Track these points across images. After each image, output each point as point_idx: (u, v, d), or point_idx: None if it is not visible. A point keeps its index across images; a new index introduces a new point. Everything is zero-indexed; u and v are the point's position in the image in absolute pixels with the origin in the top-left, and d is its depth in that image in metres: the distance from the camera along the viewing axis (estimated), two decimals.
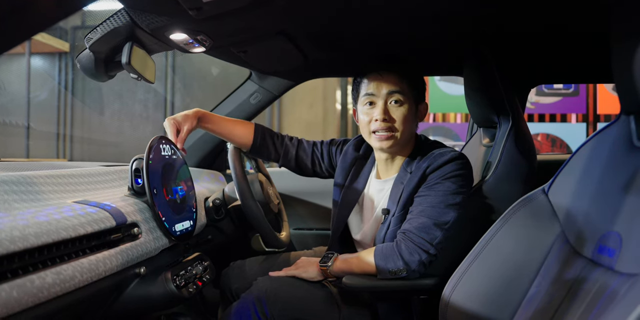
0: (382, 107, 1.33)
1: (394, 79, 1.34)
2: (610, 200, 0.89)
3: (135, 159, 1.22)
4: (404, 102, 1.34)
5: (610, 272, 0.83)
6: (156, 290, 1.14)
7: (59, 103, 5.01)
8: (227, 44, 1.44)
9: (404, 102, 1.34)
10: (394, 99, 1.33)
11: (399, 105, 1.34)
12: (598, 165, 0.95)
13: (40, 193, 1.01)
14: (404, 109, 1.33)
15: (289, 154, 1.60)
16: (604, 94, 4.51)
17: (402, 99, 1.33)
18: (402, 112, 1.33)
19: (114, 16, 1.18)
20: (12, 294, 0.72)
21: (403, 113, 1.33)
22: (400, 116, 1.33)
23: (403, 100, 1.33)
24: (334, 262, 1.35)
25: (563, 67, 1.85)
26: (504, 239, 1.06)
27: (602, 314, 0.76)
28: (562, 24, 1.36)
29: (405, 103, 1.34)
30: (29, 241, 0.78)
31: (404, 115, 1.33)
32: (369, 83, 1.36)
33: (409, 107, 1.34)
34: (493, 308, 1.02)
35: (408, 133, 1.36)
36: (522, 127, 1.55)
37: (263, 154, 1.60)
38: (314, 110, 4.65)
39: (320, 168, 1.62)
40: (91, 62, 1.27)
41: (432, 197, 1.28)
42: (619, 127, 0.94)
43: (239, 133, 1.56)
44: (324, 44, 1.55)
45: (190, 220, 1.37)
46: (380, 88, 1.34)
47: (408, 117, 1.34)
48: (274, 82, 1.97)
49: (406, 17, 1.31)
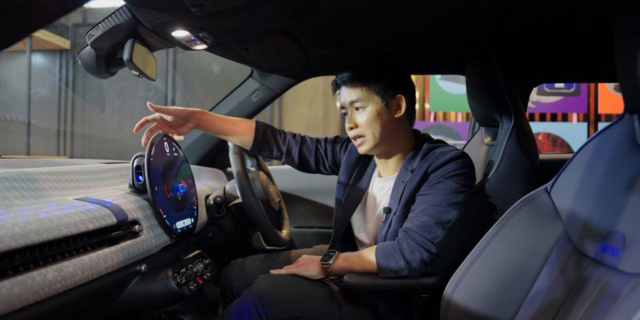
0: (350, 116, 1.40)
1: (349, 87, 1.39)
2: (613, 199, 0.88)
3: (137, 156, 1.21)
4: (365, 106, 1.37)
5: (614, 271, 0.82)
6: (157, 287, 1.14)
7: (60, 100, 5.00)
8: (229, 42, 1.43)
9: (365, 107, 1.37)
10: (356, 106, 1.39)
11: (360, 111, 1.38)
12: (601, 164, 0.94)
13: (41, 190, 1.01)
14: (366, 113, 1.37)
15: (292, 152, 1.59)
16: (605, 94, 4.50)
17: (362, 104, 1.37)
18: (364, 116, 1.37)
19: (116, 13, 1.17)
20: (13, 290, 0.71)
21: (365, 117, 1.37)
22: (362, 121, 1.37)
23: (363, 105, 1.37)
24: (335, 260, 1.34)
25: (566, 65, 1.85)
26: (506, 238, 1.05)
27: (606, 313, 0.76)
28: (565, 22, 1.36)
29: (366, 106, 1.37)
30: (30, 238, 0.77)
31: (366, 119, 1.37)
32: (338, 98, 1.45)
33: (371, 109, 1.37)
34: (494, 307, 1.02)
35: (379, 133, 1.37)
36: (524, 125, 1.54)
37: (265, 152, 1.60)
38: (314, 108, 4.64)
39: (324, 165, 1.62)
40: (92, 59, 1.26)
41: (434, 196, 1.28)
42: (622, 126, 0.93)
43: (239, 131, 1.55)
44: (325, 42, 1.54)
45: (191, 217, 1.37)
46: (345, 100, 1.41)
47: (371, 119, 1.36)
48: (276, 80, 1.97)
49: (408, 16, 1.30)
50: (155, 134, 1.32)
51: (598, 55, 1.65)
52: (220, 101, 2.04)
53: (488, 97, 1.59)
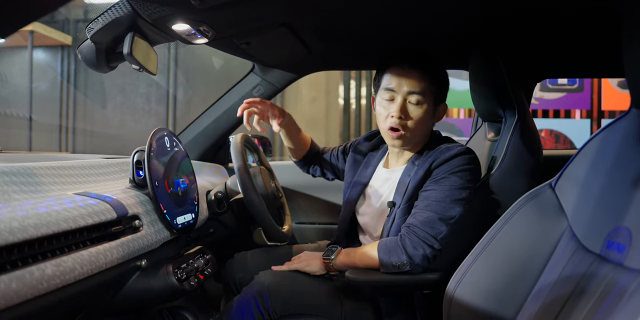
0: (401, 104, 1.32)
1: (416, 77, 1.31)
2: (619, 194, 0.87)
3: (137, 151, 1.20)
4: (423, 102, 1.32)
5: (620, 268, 0.81)
6: (157, 283, 1.13)
7: (62, 96, 5.00)
8: (230, 35, 1.42)
9: (422, 103, 1.32)
10: (414, 98, 1.31)
11: (417, 105, 1.32)
12: (606, 159, 0.93)
13: (40, 184, 1.00)
14: (422, 110, 1.32)
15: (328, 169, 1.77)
16: (608, 90, 4.48)
17: (422, 99, 1.31)
18: (420, 112, 1.32)
19: (116, 6, 1.16)
20: (11, 285, 0.71)
21: (420, 114, 1.32)
22: (416, 116, 1.32)
23: (422, 100, 1.31)
24: (337, 256, 1.34)
25: (570, 60, 1.83)
26: (509, 233, 1.04)
27: (612, 310, 0.74)
28: (570, 17, 1.34)
29: (424, 104, 1.32)
30: (28, 232, 0.77)
31: (421, 116, 1.32)
32: (391, 77, 1.34)
33: (427, 108, 1.33)
34: (498, 304, 1.01)
35: (421, 133, 1.36)
36: (528, 121, 1.53)
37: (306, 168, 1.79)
38: (316, 105, 4.63)
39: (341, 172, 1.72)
40: (92, 53, 1.25)
41: (438, 192, 1.27)
42: (628, 121, 0.92)
43: (306, 144, 1.72)
44: (327, 36, 1.53)
45: (192, 213, 1.36)
46: (402, 85, 1.32)
47: (424, 118, 1.33)
48: (277, 74, 1.96)
49: (410, 10, 1.29)
50: (156, 129, 1.31)
51: (603, 50, 1.63)
52: (222, 96, 2.03)
53: (491, 92, 1.57)
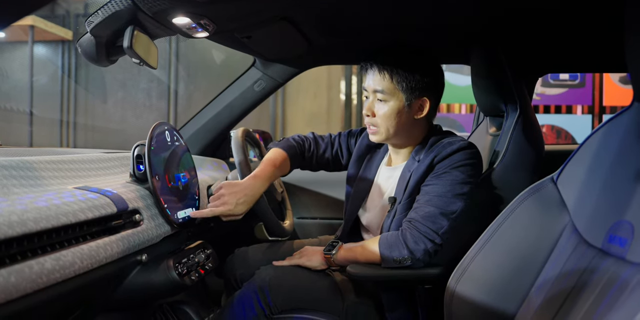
0: (370, 103, 1.34)
1: (381, 75, 1.31)
2: (621, 188, 0.87)
3: (137, 145, 1.20)
4: (389, 100, 1.31)
5: (621, 262, 0.81)
6: (158, 277, 1.13)
7: (63, 91, 5.00)
8: (231, 29, 1.41)
9: (388, 100, 1.31)
10: (380, 96, 1.32)
11: (382, 102, 1.32)
12: (609, 154, 0.93)
13: (40, 178, 1.00)
14: (387, 107, 1.31)
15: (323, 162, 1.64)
16: (610, 86, 4.46)
17: (385, 97, 1.31)
18: (385, 109, 1.32)
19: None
20: (10, 279, 0.70)
21: (385, 111, 1.32)
22: (382, 113, 1.32)
23: (387, 98, 1.31)
24: (338, 251, 1.33)
25: (572, 55, 1.82)
26: (511, 228, 1.04)
27: (614, 304, 0.74)
28: (571, 11, 1.33)
29: (389, 101, 1.31)
30: (28, 226, 0.76)
31: (386, 113, 1.32)
32: (364, 76, 1.37)
33: (393, 104, 1.31)
34: (500, 298, 1.01)
35: (395, 129, 1.33)
36: (529, 115, 1.53)
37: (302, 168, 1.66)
38: (318, 100, 4.62)
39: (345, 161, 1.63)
40: (92, 47, 1.25)
41: (439, 186, 1.26)
42: (631, 115, 0.91)
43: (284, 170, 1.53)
44: (328, 30, 1.52)
45: (193, 207, 1.36)
46: (369, 84, 1.34)
47: (389, 114, 1.31)
48: (278, 69, 1.95)
49: (411, 4, 1.28)
50: (157, 123, 1.30)
51: (605, 45, 1.62)
52: (223, 91, 2.03)
53: (493, 87, 1.57)
